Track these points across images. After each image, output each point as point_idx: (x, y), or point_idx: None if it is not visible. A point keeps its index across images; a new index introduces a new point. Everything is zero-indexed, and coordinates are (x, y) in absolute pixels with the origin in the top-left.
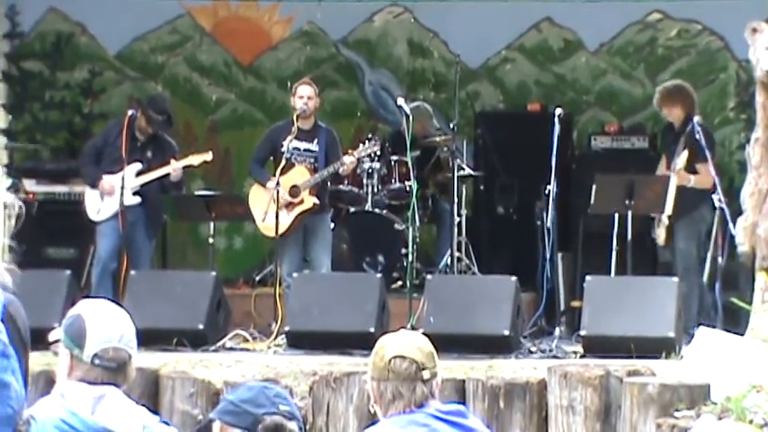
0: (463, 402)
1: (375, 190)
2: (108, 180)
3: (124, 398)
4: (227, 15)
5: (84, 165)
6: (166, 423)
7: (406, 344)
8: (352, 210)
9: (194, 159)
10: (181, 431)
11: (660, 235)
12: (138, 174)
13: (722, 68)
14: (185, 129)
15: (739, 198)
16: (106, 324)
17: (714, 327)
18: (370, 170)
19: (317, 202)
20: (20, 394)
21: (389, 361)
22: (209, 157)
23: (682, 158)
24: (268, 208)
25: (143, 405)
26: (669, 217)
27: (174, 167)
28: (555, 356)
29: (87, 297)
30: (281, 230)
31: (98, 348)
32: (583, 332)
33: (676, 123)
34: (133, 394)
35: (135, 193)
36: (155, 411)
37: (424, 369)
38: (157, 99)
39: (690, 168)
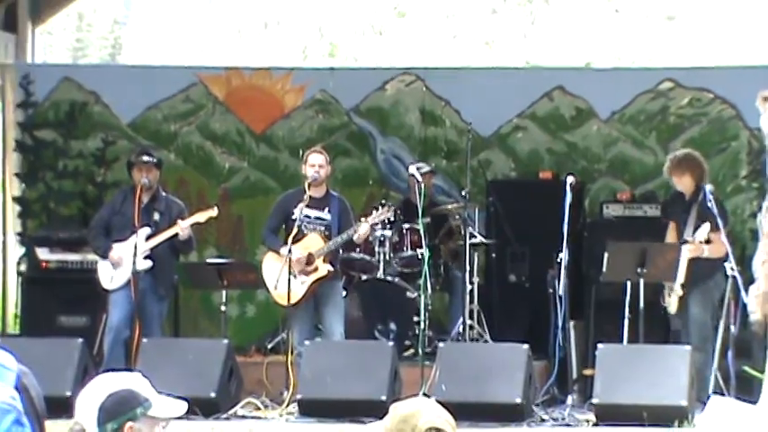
0: None
1: (387, 257)
2: (117, 251)
3: None
4: (240, 84)
5: (93, 238)
6: None
7: (438, 416)
8: (363, 277)
9: (200, 216)
10: None
11: (672, 303)
12: (148, 237)
13: (734, 137)
14: (198, 197)
15: (751, 266)
16: (78, 398)
17: (727, 395)
18: (382, 238)
19: (332, 269)
20: None
21: None
22: (214, 213)
23: (702, 232)
24: (280, 275)
25: None
26: (682, 286)
27: (181, 227)
28: (567, 425)
29: (99, 365)
30: (295, 298)
31: (72, 422)
32: (595, 400)
33: (687, 192)
34: None
35: (146, 257)
36: None
37: None
38: (142, 147)
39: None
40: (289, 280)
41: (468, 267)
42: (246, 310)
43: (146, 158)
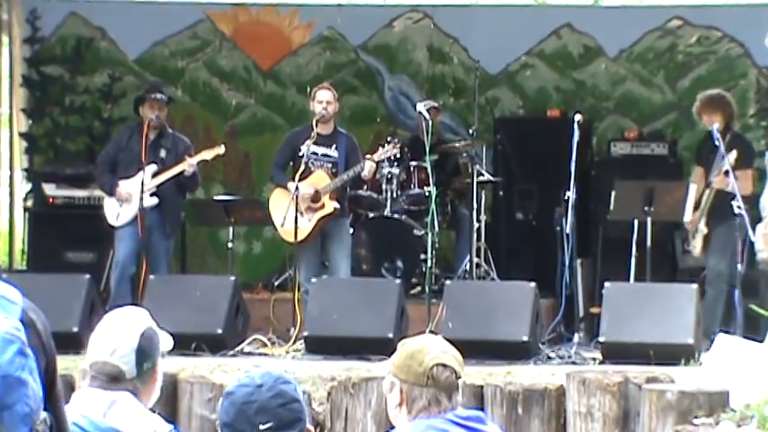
0: (481, 408)
1: (394, 195)
2: (124, 187)
3: (137, 403)
4: (248, 20)
5: (99, 175)
6: None
7: (445, 351)
8: (371, 215)
9: (207, 154)
10: None
11: (697, 246)
12: (155, 174)
13: (742, 75)
14: (205, 133)
15: (758, 205)
16: (103, 337)
17: (734, 333)
18: (390, 175)
19: (338, 206)
20: (37, 394)
21: (431, 368)
22: (221, 150)
23: (731, 156)
24: (287, 212)
25: (160, 414)
26: (707, 225)
27: (188, 164)
28: (573, 363)
29: (106, 301)
30: (301, 236)
31: (92, 360)
32: (602, 338)
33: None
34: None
35: (152, 195)
36: (170, 420)
37: (459, 378)
38: (153, 83)
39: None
40: (296, 217)
41: (475, 205)
42: (253, 246)
43: (159, 96)
